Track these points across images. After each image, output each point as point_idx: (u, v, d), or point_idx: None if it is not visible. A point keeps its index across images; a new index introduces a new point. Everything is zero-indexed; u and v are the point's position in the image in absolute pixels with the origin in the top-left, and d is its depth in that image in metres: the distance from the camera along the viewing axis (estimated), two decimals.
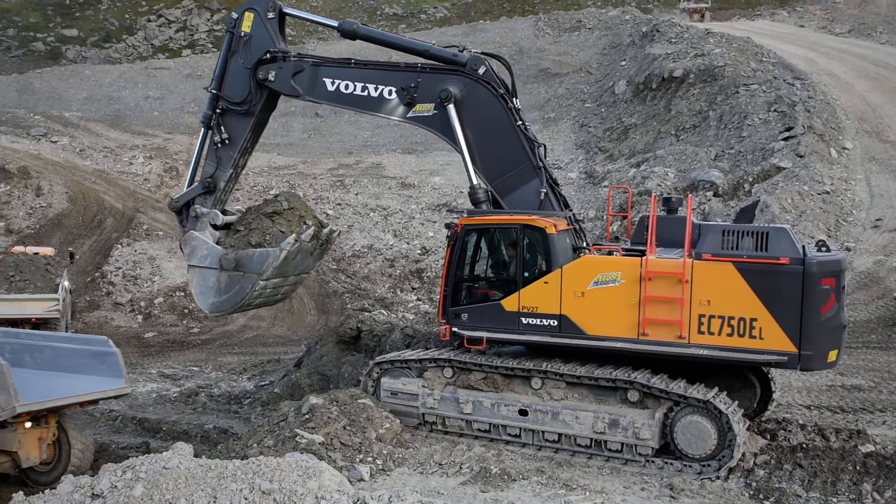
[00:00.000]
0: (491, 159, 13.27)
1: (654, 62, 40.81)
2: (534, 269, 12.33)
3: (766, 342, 11.06)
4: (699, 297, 11.28)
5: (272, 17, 14.29)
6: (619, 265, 11.77)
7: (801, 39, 44.67)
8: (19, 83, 56.47)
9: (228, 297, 14.37)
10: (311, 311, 29.23)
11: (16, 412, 12.12)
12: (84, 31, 77.55)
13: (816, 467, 11.11)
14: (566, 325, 11.99)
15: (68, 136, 44.98)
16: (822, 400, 14.54)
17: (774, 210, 24.11)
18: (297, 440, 11.21)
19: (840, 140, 29.51)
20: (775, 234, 11.21)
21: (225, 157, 14.87)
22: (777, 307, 10.97)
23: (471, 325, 12.59)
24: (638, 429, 11.38)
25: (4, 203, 35.74)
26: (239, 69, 14.50)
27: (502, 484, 10.65)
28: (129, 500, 7.33)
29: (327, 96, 14.20)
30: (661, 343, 11.54)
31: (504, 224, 12.72)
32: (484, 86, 13.24)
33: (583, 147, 40.15)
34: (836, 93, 33.56)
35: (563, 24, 58.86)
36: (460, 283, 12.97)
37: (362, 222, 35.58)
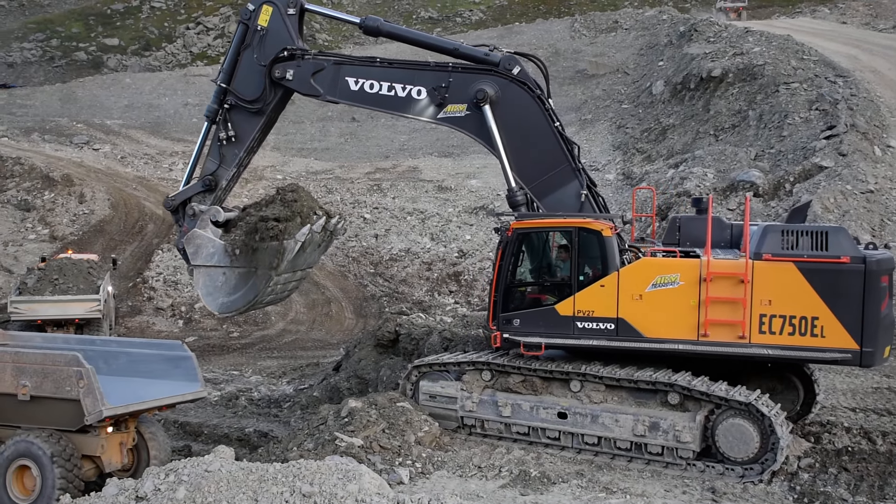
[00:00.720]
0: (528, 161, 13.04)
1: (692, 62, 40.42)
2: (589, 272, 12.19)
3: (829, 340, 11.13)
4: (760, 296, 11.32)
5: (292, 14, 13.72)
6: (678, 267, 11.72)
7: (844, 36, 43.95)
8: (62, 92, 57.49)
9: (240, 295, 13.83)
10: (349, 315, 29.39)
11: (102, 416, 12.27)
12: (125, 41, 78.77)
13: (863, 471, 10.95)
14: (624, 329, 11.88)
15: (110, 143, 45.72)
16: (867, 402, 14.28)
17: (817, 210, 23.74)
18: (336, 443, 11.28)
19: (884, 138, 28.94)
20: (834, 234, 11.29)
21: (229, 154, 14.20)
22: (839, 305, 11.05)
23: (523, 331, 12.37)
24: (679, 432, 11.30)
25: (49, 210, 36.43)
26: (252, 65, 13.83)
27: (542, 487, 10.62)
28: (172, 502, 7.42)
29: (350, 96, 13.65)
30: (721, 344, 11.53)
31: (559, 227, 12.56)
32: (520, 86, 13.00)
33: (620, 148, 39.90)
34: (880, 90, 32.93)
35: (600, 24, 58.55)
36: (512, 288, 12.73)
37: (399, 226, 35.69)
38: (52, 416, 12.92)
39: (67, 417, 12.75)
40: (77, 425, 12.70)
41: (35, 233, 35.01)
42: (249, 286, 13.66)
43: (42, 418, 13.02)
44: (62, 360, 12.74)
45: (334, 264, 33.31)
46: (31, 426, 13.01)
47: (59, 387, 12.56)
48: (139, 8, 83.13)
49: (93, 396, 12.26)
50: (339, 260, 33.58)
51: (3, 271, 31.67)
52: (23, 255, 32.66)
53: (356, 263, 33.41)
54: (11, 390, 12.97)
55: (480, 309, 24.83)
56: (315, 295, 30.71)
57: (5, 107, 53.43)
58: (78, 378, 12.33)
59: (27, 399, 12.82)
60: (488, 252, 31.78)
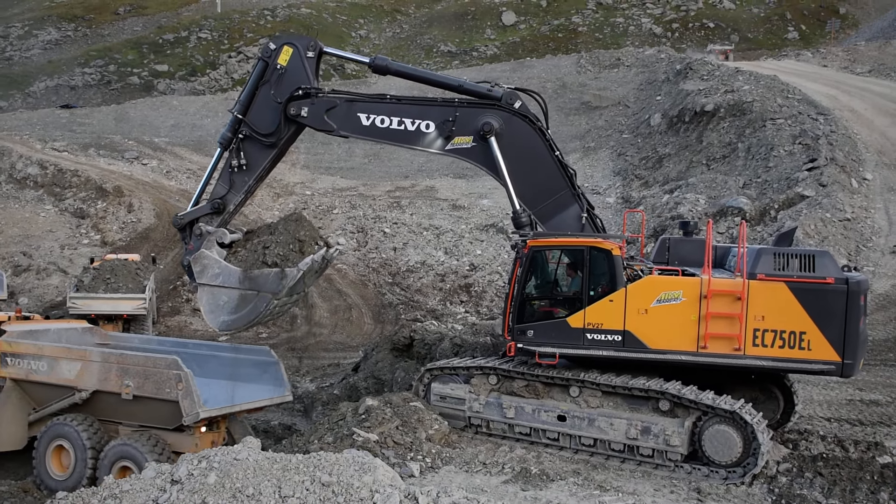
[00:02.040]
0: (531, 187, 12.92)
1: (687, 97, 40.38)
2: (598, 287, 12.09)
3: (814, 353, 11.24)
4: (754, 312, 11.35)
5: (311, 56, 13.44)
6: (681, 285, 11.68)
7: (825, 78, 43.81)
8: (117, 112, 57.96)
9: (241, 315, 13.34)
10: (368, 321, 29.36)
11: (199, 417, 12.24)
12: (173, 67, 79.47)
13: (836, 476, 10.81)
14: (630, 340, 11.80)
15: (157, 159, 45.99)
16: (841, 413, 14.16)
17: (798, 235, 23.61)
18: (354, 438, 11.24)
19: (860, 171, 28.83)
20: (820, 257, 11.48)
21: (239, 181, 13.83)
22: (824, 322, 11.17)
23: (536, 342, 12.24)
24: (668, 436, 11.22)
25: (101, 218, 36.66)
26: (269, 101, 13.52)
27: (541, 483, 10.54)
28: (204, 486, 7.40)
29: (362, 130, 13.38)
30: (719, 355, 11.51)
31: (572, 245, 12.43)
32: (521, 119, 12.93)
33: (620, 174, 39.84)
34: (856, 127, 32.81)
35: (604, 61, 58.58)
36: (526, 301, 12.63)
37: (416, 240, 35.69)
38: (151, 414, 12.87)
39: (165, 417, 12.69)
40: (174, 424, 12.63)
41: (88, 238, 35.24)
42: (250, 308, 13.23)
43: (141, 416, 12.99)
44: (163, 363, 12.67)
45: (356, 274, 33.33)
46: (132, 423, 13.03)
47: (160, 388, 12.48)
48: (187, 38, 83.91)
49: (191, 399, 12.19)
50: (361, 270, 33.60)
51: (60, 272, 31.88)
52: (77, 257, 32.85)
53: (376, 273, 33.41)
54: (116, 389, 12.95)
55: (489, 318, 24.79)
56: (338, 301, 30.72)
57: (67, 125, 53.91)
58: (177, 381, 12.26)
59: (129, 398, 12.77)
60: (497, 266, 31.74)
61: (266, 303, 13.03)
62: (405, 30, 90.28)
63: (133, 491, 7.75)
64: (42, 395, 14.21)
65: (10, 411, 14.39)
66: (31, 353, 14.04)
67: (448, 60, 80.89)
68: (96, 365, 13.25)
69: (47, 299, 29.70)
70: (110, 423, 13.46)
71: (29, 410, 14.50)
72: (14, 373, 14.25)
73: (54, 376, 13.71)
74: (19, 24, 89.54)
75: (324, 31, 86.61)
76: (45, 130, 50.57)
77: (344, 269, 33.65)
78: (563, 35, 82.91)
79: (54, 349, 14.03)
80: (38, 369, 13.90)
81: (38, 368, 13.89)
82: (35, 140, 45.82)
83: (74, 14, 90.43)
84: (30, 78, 77.92)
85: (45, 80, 77.26)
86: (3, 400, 14.43)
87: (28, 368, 14.04)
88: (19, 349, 14.22)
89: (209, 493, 7.31)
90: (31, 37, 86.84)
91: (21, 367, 14.14)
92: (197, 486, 7.42)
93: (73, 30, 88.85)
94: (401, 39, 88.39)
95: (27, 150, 42.93)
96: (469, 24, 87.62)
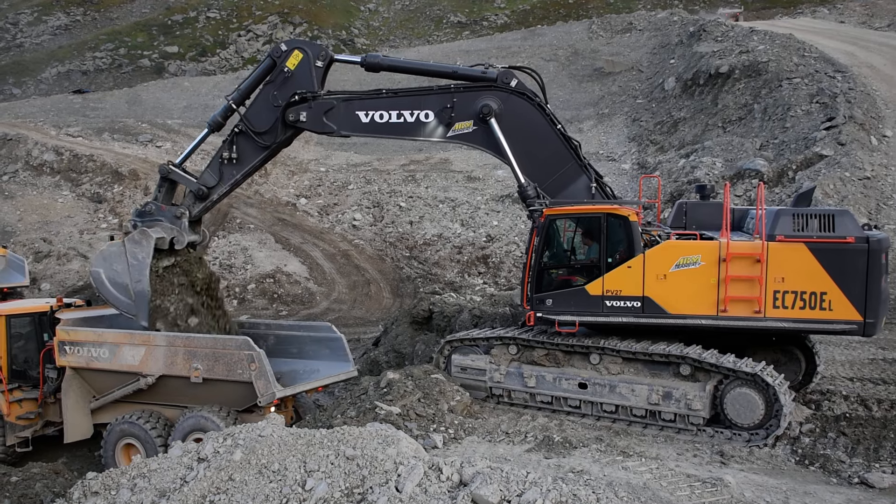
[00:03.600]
0: (538, 164, 12.83)
1: (702, 60, 39.86)
2: (616, 254, 12.08)
3: (836, 313, 11.17)
4: (774, 274, 11.30)
5: (320, 66, 13.38)
6: (699, 249, 11.63)
7: (842, 34, 43.07)
8: (129, 96, 58.05)
9: (111, 291, 13.57)
10: (386, 295, 29.46)
11: (275, 397, 12.21)
12: (183, 48, 79.33)
13: (859, 435, 10.80)
14: (649, 306, 11.81)
15: (171, 141, 46.06)
16: (864, 372, 14.10)
17: (818, 195, 23.37)
18: (376, 411, 11.32)
19: (880, 129, 28.41)
20: (840, 217, 11.32)
21: (227, 173, 13.88)
22: (845, 281, 11.09)
23: (556, 310, 12.28)
24: (690, 400, 11.23)
25: (118, 202, 36.86)
26: (269, 101, 13.45)
27: (564, 451, 10.60)
28: (230, 463, 7.50)
29: (363, 128, 13.39)
30: (739, 318, 11.48)
31: (588, 213, 12.41)
32: (519, 96, 12.85)
33: (635, 140, 39.51)
34: (875, 84, 32.29)
35: (616, 26, 57.86)
36: (544, 270, 12.63)
37: (432, 213, 35.65)
38: (221, 397, 12.79)
39: (236, 398, 12.64)
40: (245, 405, 12.60)
41: (106, 222, 35.47)
42: (120, 300, 13.56)
43: (211, 399, 12.88)
44: (233, 343, 12.58)
45: (373, 249, 33.39)
46: (201, 407, 12.90)
47: (231, 370, 12.40)
48: (196, 18, 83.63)
49: (265, 379, 12.12)
50: (378, 245, 33.65)
51: (80, 257, 32.14)
52: (96, 242, 33.08)
53: (393, 248, 33.46)
54: (184, 373, 12.84)
55: (507, 289, 24.80)
56: (356, 277, 30.83)
57: (80, 110, 54.08)
58: (250, 361, 12.22)
59: (199, 381, 12.68)
60: (514, 237, 31.68)
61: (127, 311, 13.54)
62: (414, 1, 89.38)
63: (161, 469, 7.87)
64: (104, 383, 14.07)
65: (73, 400, 14.30)
66: (92, 341, 13.82)
67: (458, 31, 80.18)
68: (162, 349, 13.09)
69: (69, 284, 30.00)
70: (177, 407, 13.38)
71: (90, 398, 14.44)
72: (74, 361, 14.06)
73: (117, 363, 13.55)
74: (28, 11, 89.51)
75: (332, 6, 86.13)
76: (58, 116, 50.77)
77: (361, 244, 33.72)
78: (574, 1, 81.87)
79: (116, 335, 13.77)
80: (99, 356, 13.72)
81: (100, 356, 13.71)
82: (49, 126, 46.00)
83: None
84: (41, 64, 78.05)
85: (56, 66, 77.40)
86: (64, 390, 14.32)
87: (89, 356, 13.84)
88: (78, 337, 13.99)
89: (235, 470, 7.41)
90: (41, 23, 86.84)
91: (81, 356, 13.93)
92: (223, 464, 7.52)
93: (82, 14, 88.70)
94: (410, 12, 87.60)
95: (42, 136, 43.12)
96: None
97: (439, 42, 74.93)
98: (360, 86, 57.29)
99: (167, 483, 7.60)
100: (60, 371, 14.59)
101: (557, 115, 13.38)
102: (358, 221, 35.66)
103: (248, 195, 38.75)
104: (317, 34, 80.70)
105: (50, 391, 15.01)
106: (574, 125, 41.23)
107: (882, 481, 9.48)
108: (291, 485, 7.14)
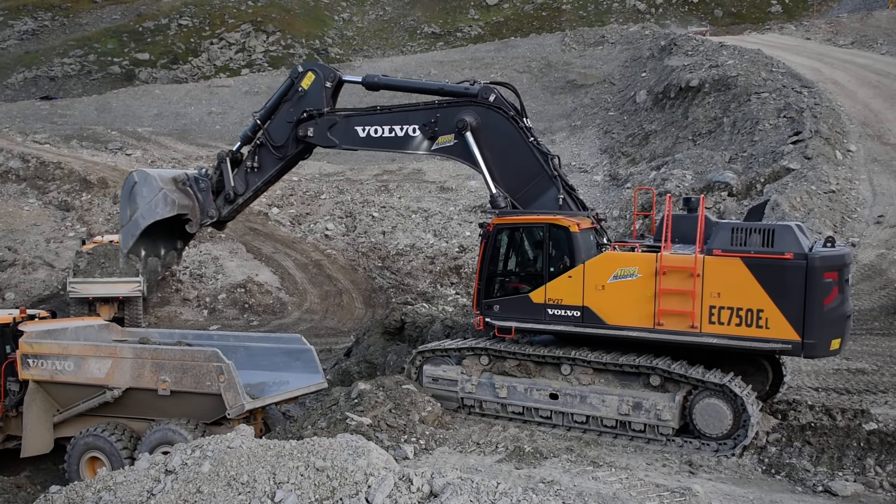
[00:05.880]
0: (511, 175, 13.22)
1: (672, 73, 40.38)
2: (559, 264, 12.26)
3: (772, 331, 10.88)
4: (710, 289, 11.15)
5: (329, 86, 14.38)
6: (636, 261, 11.70)
7: (808, 51, 43.88)
8: (98, 103, 57.47)
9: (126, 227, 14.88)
10: (359, 305, 29.40)
11: (244, 409, 12.08)
12: (154, 55, 78.72)
13: (824, 444, 10.97)
14: (588, 316, 11.95)
15: (141, 149, 45.67)
16: (829, 382, 14.33)
17: (785, 208, 23.76)
18: (347, 422, 11.28)
19: (845, 143, 28.97)
20: (781, 231, 10.98)
21: (251, 181, 14.96)
22: (782, 299, 10.78)
23: (502, 316, 12.59)
24: (659, 411, 11.32)
25: (86, 210, 36.43)
26: (286, 118, 14.58)
27: (535, 461, 10.63)
28: (198, 475, 7.43)
29: (361, 142, 14.27)
30: (674, 332, 11.42)
31: (532, 223, 12.68)
32: (496, 111, 13.25)
33: (607, 152, 39.88)
34: (840, 100, 32.94)
35: (588, 39, 58.44)
36: (492, 277, 12.96)
37: (405, 223, 35.68)
38: (190, 409, 12.61)
39: (205, 411, 12.47)
40: (214, 418, 12.44)
41: (74, 231, 35.01)
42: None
43: (179, 412, 12.69)
44: (202, 356, 12.44)
45: (345, 258, 33.33)
46: (168, 420, 12.69)
47: (200, 382, 12.27)
48: (168, 25, 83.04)
49: (234, 391, 12.01)
50: (350, 255, 33.60)
51: (46, 266, 31.72)
52: (63, 251, 32.68)
53: (365, 258, 33.42)
54: (151, 385, 12.65)
55: None
56: (328, 287, 30.74)
57: (48, 116, 53.45)
58: (218, 373, 12.08)
59: (167, 394, 12.52)
60: None
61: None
62: (388, 12, 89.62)
63: (127, 482, 7.77)
64: (68, 396, 13.81)
65: (35, 415, 14.01)
66: (56, 353, 13.59)
67: (432, 42, 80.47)
68: (128, 361, 12.94)
69: (34, 294, 29.58)
70: (143, 420, 13.19)
71: (53, 412, 14.17)
72: (37, 374, 13.79)
73: (82, 376, 13.34)
74: None
75: (305, 15, 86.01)
76: (25, 123, 50.12)
77: (333, 254, 33.64)
78: (547, 14, 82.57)
79: (81, 348, 13.59)
80: (63, 369, 13.48)
81: (64, 368, 13.47)
82: (15, 133, 45.38)
83: (51, 3, 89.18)
84: (7, 70, 76.99)
85: (23, 72, 76.39)
86: (27, 404, 14.03)
87: (53, 369, 13.59)
88: (42, 350, 13.72)
89: (204, 482, 7.34)
90: (7, 27, 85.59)
91: (45, 369, 13.68)
92: (191, 476, 7.45)
93: (51, 19, 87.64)
94: (384, 22, 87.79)
95: (7, 143, 42.51)
96: (452, 5, 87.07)
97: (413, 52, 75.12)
98: (358, 101, 57.57)
99: (134, 496, 7.51)
100: (23, 384, 14.32)
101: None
102: (330, 231, 35.57)
103: None
104: (290, 43, 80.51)
105: (12, 405, 14.72)
106: (547, 136, 41.52)
107: (845, 489, 9.63)
108: (260, 497, 7.10)
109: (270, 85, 58.71)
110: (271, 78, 61.58)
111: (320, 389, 14.17)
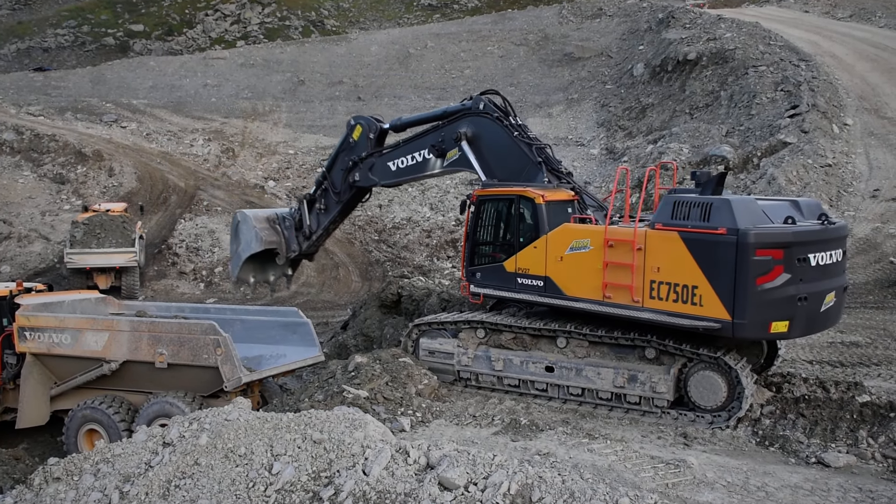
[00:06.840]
0: (506, 170, 13.79)
1: (670, 46, 40.13)
2: (528, 234, 12.52)
3: (705, 309, 10.51)
4: (651, 264, 10.98)
5: (372, 137, 15.62)
6: (589, 233, 11.76)
7: (806, 24, 43.62)
8: (93, 75, 57.00)
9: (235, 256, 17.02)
10: (355, 279, 29.41)
11: (241, 381, 12.09)
12: (149, 26, 77.99)
13: (817, 416, 11.01)
14: (549, 286, 12.15)
15: (136, 121, 45.39)
16: (823, 355, 14.40)
17: (781, 182, 23.73)
18: (344, 395, 11.30)
19: (841, 117, 28.89)
20: (718, 206, 10.50)
21: (321, 220, 16.53)
22: (714, 276, 10.43)
23: (482, 283, 13.08)
24: (655, 383, 11.35)
25: (81, 183, 36.28)
26: (341, 166, 16.00)
27: (531, 434, 10.67)
28: (196, 447, 7.44)
29: (393, 175, 15.33)
30: (620, 306, 11.34)
31: (505, 195, 12.98)
32: (484, 116, 14.02)
33: (604, 125, 39.72)
34: (838, 73, 32.80)
35: (586, 11, 57.99)
36: (475, 246, 13.40)
37: (401, 197, 35.58)
38: (187, 382, 12.63)
39: (202, 383, 12.48)
40: (211, 391, 12.46)
41: (69, 203, 34.90)
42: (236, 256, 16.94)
43: (176, 385, 12.72)
44: (199, 328, 12.44)
45: (342, 232, 33.24)
46: (166, 392, 12.73)
47: (197, 355, 12.31)
48: None
49: (231, 363, 12.05)
50: (346, 228, 33.53)
51: (42, 238, 31.65)
52: (58, 223, 32.58)
53: (362, 231, 33.37)
54: (148, 358, 12.68)
55: None
56: (324, 260, 30.70)
57: (41, 88, 53.01)
58: (216, 346, 12.11)
59: (164, 367, 12.54)
60: None
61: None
62: None
63: (125, 454, 7.78)
64: (65, 369, 13.81)
65: (32, 387, 14.02)
66: (53, 326, 13.57)
67: (429, 14, 79.77)
68: (125, 334, 12.94)
69: (30, 267, 29.52)
70: (140, 393, 13.20)
71: (50, 385, 14.18)
72: (34, 347, 13.79)
73: (79, 348, 13.34)
74: None
75: None
76: (18, 94, 49.73)
77: None
78: None
79: (78, 321, 13.55)
80: (61, 342, 13.49)
81: (62, 341, 13.48)
82: (9, 105, 45.05)
83: None
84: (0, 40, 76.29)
85: (15, 43, 75.70)
86: (24, 377, 14.05)
87: (50, 342, 13.60)
88: (39, 322, 13.71)
89: (201, 454, 7.36)
90: None
91: (42, 342, 13.67)
92: (189, 448, 7.46)
93: None
94: None
95: (1, 115, 42.21)
96: None
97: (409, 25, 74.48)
98: (329, 67, 56.65)
99: (132, 468, 7.52)
100: (20, 357, 14.34)
101: (527, 99, 13.78)
102: None
103: (216, 177, 38.36)
104: (285, 15, 79.74)
105: (9, 378, 14.74)
106: (543, 110, 41.34)
107: (837, 461, 9.69)
108: (258, 469, 7.12)
109: (266, 57, 58.29)
110: (266, 50, 61.09)
111: (317, 362, 14.21)
